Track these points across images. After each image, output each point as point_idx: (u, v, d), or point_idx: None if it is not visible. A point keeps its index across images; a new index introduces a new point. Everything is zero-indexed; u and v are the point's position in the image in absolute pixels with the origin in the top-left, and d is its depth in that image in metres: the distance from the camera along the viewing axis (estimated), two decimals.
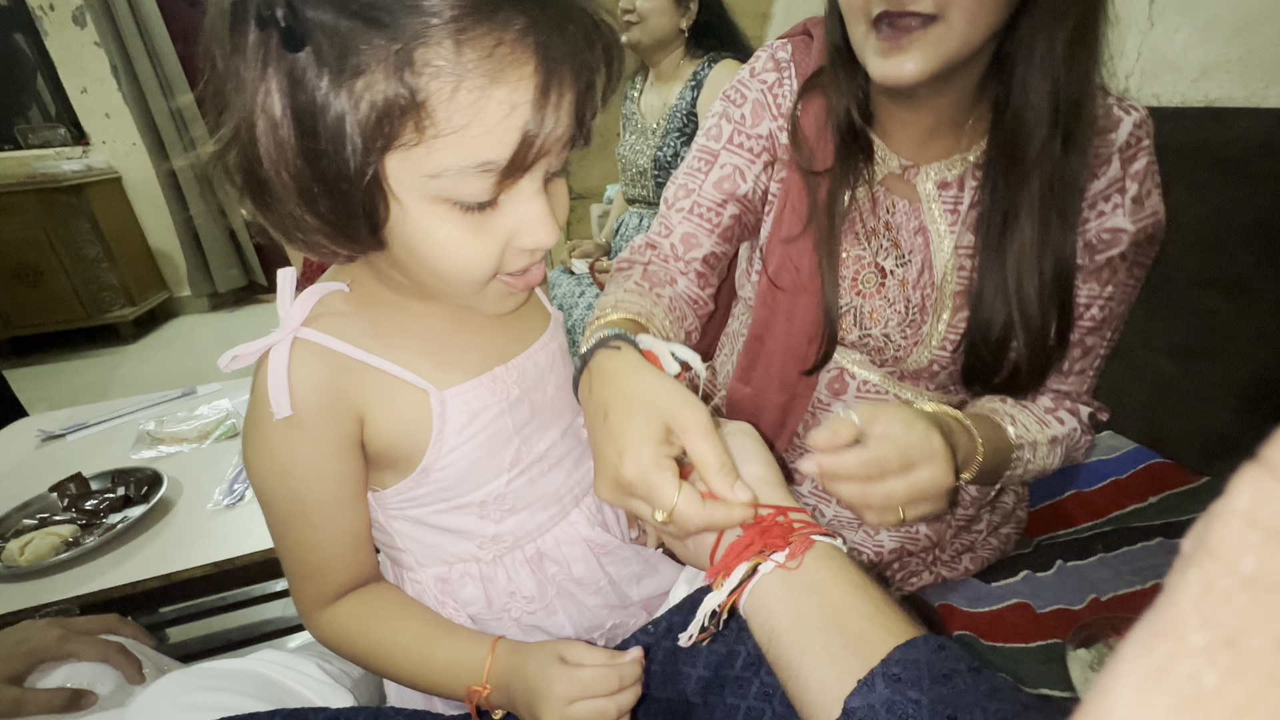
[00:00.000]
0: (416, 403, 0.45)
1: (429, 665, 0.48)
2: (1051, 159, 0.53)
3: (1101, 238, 0.56)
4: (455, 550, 0.51)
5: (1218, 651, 0.11)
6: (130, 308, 3.12)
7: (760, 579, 0.39)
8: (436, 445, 0.46)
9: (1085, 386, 0.63)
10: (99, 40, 3.04)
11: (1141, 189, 0.55)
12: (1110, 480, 0.86)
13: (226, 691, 0.50)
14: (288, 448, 0.43)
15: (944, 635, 0.64)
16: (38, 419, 1.17)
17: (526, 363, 0.51)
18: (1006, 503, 0.74)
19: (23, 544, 0.77)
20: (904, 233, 0.63)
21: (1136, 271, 0.59)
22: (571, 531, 0.55)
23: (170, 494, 0.89)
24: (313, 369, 0.42)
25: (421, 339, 0.47)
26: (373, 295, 0.46)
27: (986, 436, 0.53)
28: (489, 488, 0.49)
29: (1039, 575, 0.71)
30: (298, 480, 0.44)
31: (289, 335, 0.42)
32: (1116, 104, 0.55)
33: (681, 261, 0.69)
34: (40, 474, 0.94)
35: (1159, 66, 1.04)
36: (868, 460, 0.42)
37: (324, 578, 0.48)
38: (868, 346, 0.65)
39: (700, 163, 0.69)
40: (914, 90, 0.54)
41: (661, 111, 1.51)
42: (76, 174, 2.92)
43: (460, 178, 0.36)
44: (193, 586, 0.76)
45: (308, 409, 0.42)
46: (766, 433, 0.73)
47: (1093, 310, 0.59)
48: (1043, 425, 0.60)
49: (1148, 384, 0.97)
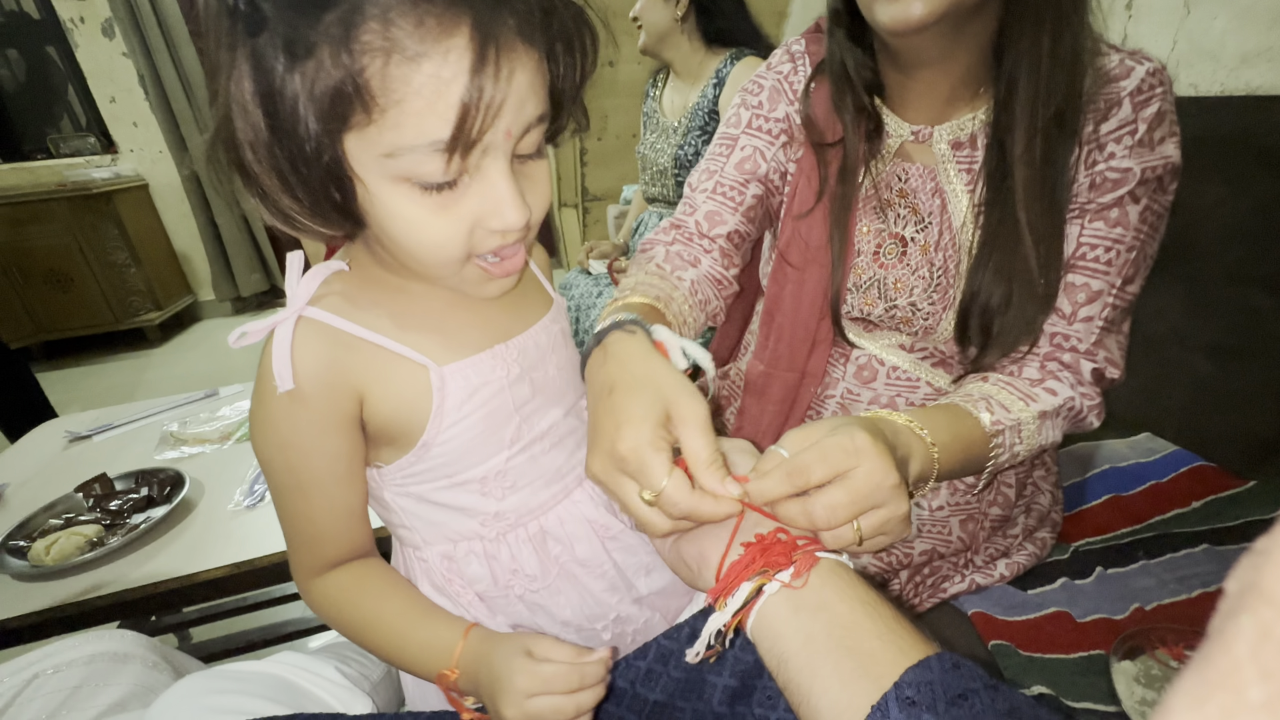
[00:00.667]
0: (416, 378, 0.46)
1: (406, 644, 0.48)
2: (1044, 111, 0.53)
3: (1108, 177, 0.55)
4: (459, 528, 0.52)
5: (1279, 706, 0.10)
6: (156, 312, 3.19)
7: (765, 600, 0.38)
8: (436, 420, 0.46)
9: (1094, 338, 0.57)
10: (127, 51, 3.12)
11: (1152, 133, 0.54)
12: (1150, 484, 0.82)
13: (245, 694, 0.50)
14: (288, 421, 0.44)
15: (978, 643, 0.62)
16: (64, 420, 1.19)
17: (527, 342, 0.51)
18: (1041, 504, 0.72)
19: (49, 544, 0.78)
20: (921, 196, 0.63)
21: (1149, 218, 0.56)
22: (575, 511, 0.55)
23: (192, 495, 0.89)
24: (315, 345, 0.43)
25: (422, 317, 0.47)
26: (374, 276, 0.47)
27: (944, 431, 0.48)
28: (489, 464, 0.50)
29: (1078, 582, 0.68)
30: (296, 453, 0.45)
31: (294, 313, 0.44)
32: (1128, 56, 0.55)
33: (706, 239, 0.70)
34: (66, 474, 0.96)
35: (1196, 55, 1.01)
36: (789, 470, 0.38)
37: (317, 548, 0.49)
38: (896, 319, 0.64)
39: (721, 148, 0.72)
40: (922, 47, 0.56)
41: (683, 110, 1.50)
42: (105, 182, 2.99)
43: (415, 157, 0.36)
44: (214, 587, 0.76)
45: (309, 384, 0.43)
46: (777, 416, 0.72)
47: (1098, 251, 0.56)
48: (1027, 401, 0.55)
49: (1186, 384, 0.93)
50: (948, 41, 0.55)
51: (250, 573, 0.77)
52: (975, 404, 0.53)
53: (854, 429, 0.40)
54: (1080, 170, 0.56)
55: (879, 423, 0.44)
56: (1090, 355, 0.58)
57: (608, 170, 2.51)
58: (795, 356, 0.69)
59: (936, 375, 0.65)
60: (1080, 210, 0.56)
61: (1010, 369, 0.59)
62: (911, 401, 0.67)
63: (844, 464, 0.39)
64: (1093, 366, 0.57)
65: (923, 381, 0.65)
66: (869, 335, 0.67)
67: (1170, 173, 0.55)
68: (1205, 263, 0.89)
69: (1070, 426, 0.58)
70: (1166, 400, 0.94)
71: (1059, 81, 0.53)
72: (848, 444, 0.39)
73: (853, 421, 0.42)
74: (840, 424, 0.41)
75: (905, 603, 0.67)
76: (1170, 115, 0.55)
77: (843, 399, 0.69)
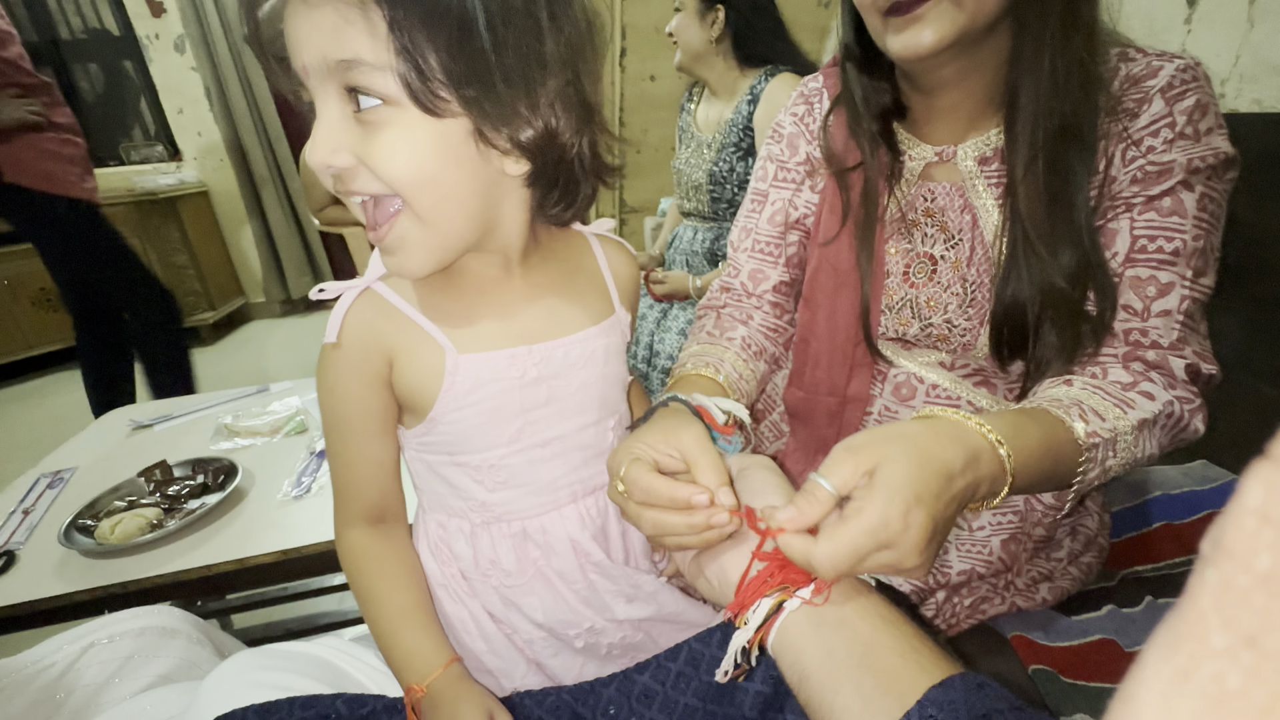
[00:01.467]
0: (436, 358, 0.49)
1: (394, 641, 0.52)
2: (1046, 126, 0.53)
3: (1148, 170, 0.53)
4: (452, 504, 0.55)
5: (1239, 652, 0.11)
6: (210, 312, 3.35)
7: (786, 617, 0.38)
8: (445, 400, 0.49)
9: (1176, 333, 0.53)
10: (195, 65, 3.31)
11: (1195, 124, 0.52)
12: (1205, 513, 0.79)
13: (293, 672, 0.52)
14: (334, 370, 0.50)
15: (1018, 667, 0.60)
16: (129, 410, 1.26)
17: (556, 350, 0.52)
18: (1089, 527, 0.69)
19: (114, 524, 0.82)
20: (950, 214, 0.62)
21: (1209, 205, 0.53)
22: (560, 526, 0.55)
23: (244, 484, 0.93)
24: (364, 310, 0.49)
25: (462, 305, 0.51)
26: None
27: (1029, 440, 0.44)
28: (486, 455, 0.52)
29: (1125, 610, 0.65)
30: (339, 400, 0.51)
31: (364, 283, 0.50)
32: (1155, 57, 0.54)
33: (754, 297, 0.75)
34: (130, 460, 1.01)
35: (1261, 69, 0.97)
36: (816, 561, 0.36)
37: (351, 493, 0.53)
38: (932, 338, 0.63)
39: (754, 204, 0.76)
40: (938, 71, 0.56)
41: (717, 126, 1.52)
42: (170, 188, 3.17)
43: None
44: (260, 572, 0.79)
45: (350, 342, 0.49)
46: (825, 441, 0.72)
47: (1159, 241, 0.53)
48: (1124, 408, 0.50)
49: (1247, 410, 0.89)
50: (963, 64, 0.56)
51: (295, 560, 0.80)
52: (1067, 410, 0.48)
53: (894, 505, 0.36)
54: (1118, 167, 0.54)
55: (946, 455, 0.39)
56: (1177, 351, 0.53)
57: (645, 182, 2.54)
58: (835, 382, 0.69)
59: (979, 394, 0.64)
60: (1126, 205, 0.54)
61: (1093, 370, 0.55)
62: None
63: (874, 552, 0.36)
64: (1185, 363, 0.53)
65: (964, 400, 0.64)
66: (907, 354, 0.66)
67: (1224, 163, 0.52)
68: (1271, 283, 0.86)
69: (1171, 439, 0.53)
70: (1226, 425, 0.90)
71: (1063, 97, 0.52)
72: (882, 535, 0.35)
73: (901, 481, 0.37)
74: (888, 480, 0.37)
75: (937, 626, 0.65)
76: (1213, 108, 0.53)
77: (880, 416, 0.68)
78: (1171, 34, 1.09)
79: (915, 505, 0.36)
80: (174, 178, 3.33)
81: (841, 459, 0.39)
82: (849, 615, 0.37)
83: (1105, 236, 0.55)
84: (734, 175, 1.46)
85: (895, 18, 0.53)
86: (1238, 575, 0.11)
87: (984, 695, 0.31)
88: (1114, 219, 0.55)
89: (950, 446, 0.40)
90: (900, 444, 0.39)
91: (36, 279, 2.99)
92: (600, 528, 0.57)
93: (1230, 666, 0.11)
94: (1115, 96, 0.54)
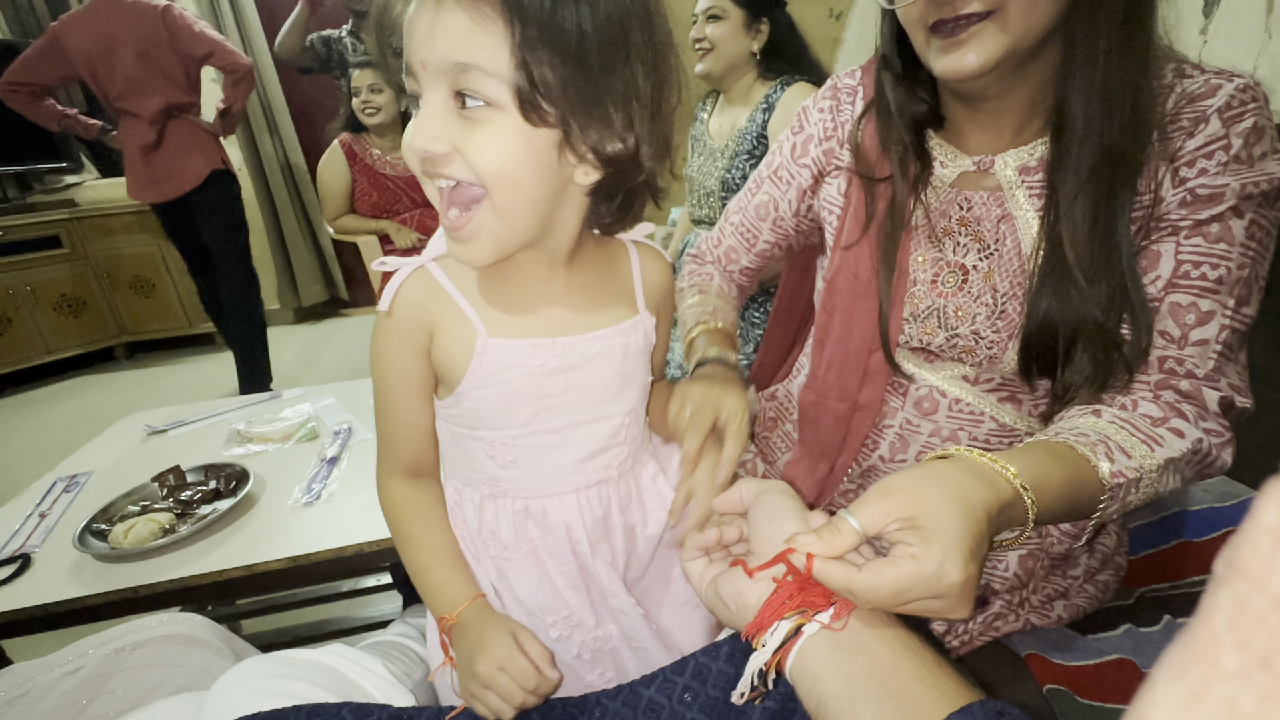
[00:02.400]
0: (469, 338, 0.53)
1: (428, 575, 0.56)
2: (1093, 148, 0.52)
3: (1199, 194, 0.51)
4: (467, 474, 0.59)
5: (1253, 674, 0.10)
6: None
7: (805, 641, 0.38)
8: (471, 377, 0.53)
9: (1212, 364, 0.52)
10: (215, 77, 3.37)
11: (1250, 148, 0.50)
12: (1224, 531, 0.77)
13: (299, 680, 0.52)
14: (384, 337, 0.55)
15: (1033, 686, 0.59)
16: (144, 415, 1.28)
17: (578, 345, 0.55)
18: (1106, 545, 0.68)
19: (127, 528, 0.83)
20: (986, 224, 0.61)
21: (1258, 234, 0.52)
22: (559, 511, 0.58)
23: (255, 490, 0.94)
24: (415, 285, 0.54)
25: (501, 293, 0.54)
26: None
27: (1052, 485, 0.44)
28: (500, 433, 0.55)
29: (1143, 630, 0.64)
30: (386, 364, 0.55)
31: (421, 261, 0.54)
32: (1214, 75, 0.53)
33: (726, 272, 0.84)
34: (144, 465, 1.03)
35: (1278, 80, 0.96)
36: (856, 589, 0.37)
37: (391, 449, 0.58)
38: (958, 349, 0.62)
39: (754, 184, 0.79)
40: (982, 87, 0.56)
41: (730, 134, 1.52)
42: None
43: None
44: (271, 578, 0.80)
45: (400, 312, 0.53)
46: (830, 446, 0.71)
47: (1203, 269, 0.52)
48: (1151, 445, 0.49)
49: (1269, 426, 0.87)
50: (1009, 81, 0.55)
51: (305, 567, 0.80)
52: (1094, 448, 0.48)
53: (951, 559, 0.36)
54: (1167, 189, 0.53)
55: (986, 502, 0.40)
56: (1212, 382, 0.52)
57: None
58: (846, 387, 0.68)
59: (1003, 411, 0.63)
60: (1173, 228, 0.53)
61: (1123, 401, 0.54)
62: (975, 436, 0.64)
63: (921, 599, 0.37)
64: (1219, 395, 0.52)
65: (987, 416, 0.63)
66: (930, 366, 0.65)
67: (1277, 190, 0.51)
68: None
69: (1196, 473, 0.53)
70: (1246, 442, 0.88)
71: (1113, 116, 0.51)
72: (934, 585, 0.36)
73: (953, 534, 0.37)
74: (939, 533, 0.37)
75: (948, 645, 0.64)
76: (1270, 132, 0.51)
77: (901, 430, 0.67)
78: (1188, 44, 1.09)
79: (970, 560, 0.37)
80: None
81: (874, 500, 0.40)
82: (868, 640, 0.37)
83: (1148, 258, 0.54)
84: (746, 183, 1.47)
85: (940, 39, 0.53)
86: (1252, 596, 0.11)
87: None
88: (1159, 241, 0.53)
89: (984, 492, 0.40)
90: (938, 490, 0.39)
91: (58, 285, 3.05)
92: (599, 519, 0.59)
93: (1243, 689, 0.10)
94: (1170, 114, 0.52)
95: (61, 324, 3.07)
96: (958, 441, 0.65)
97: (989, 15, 0.50)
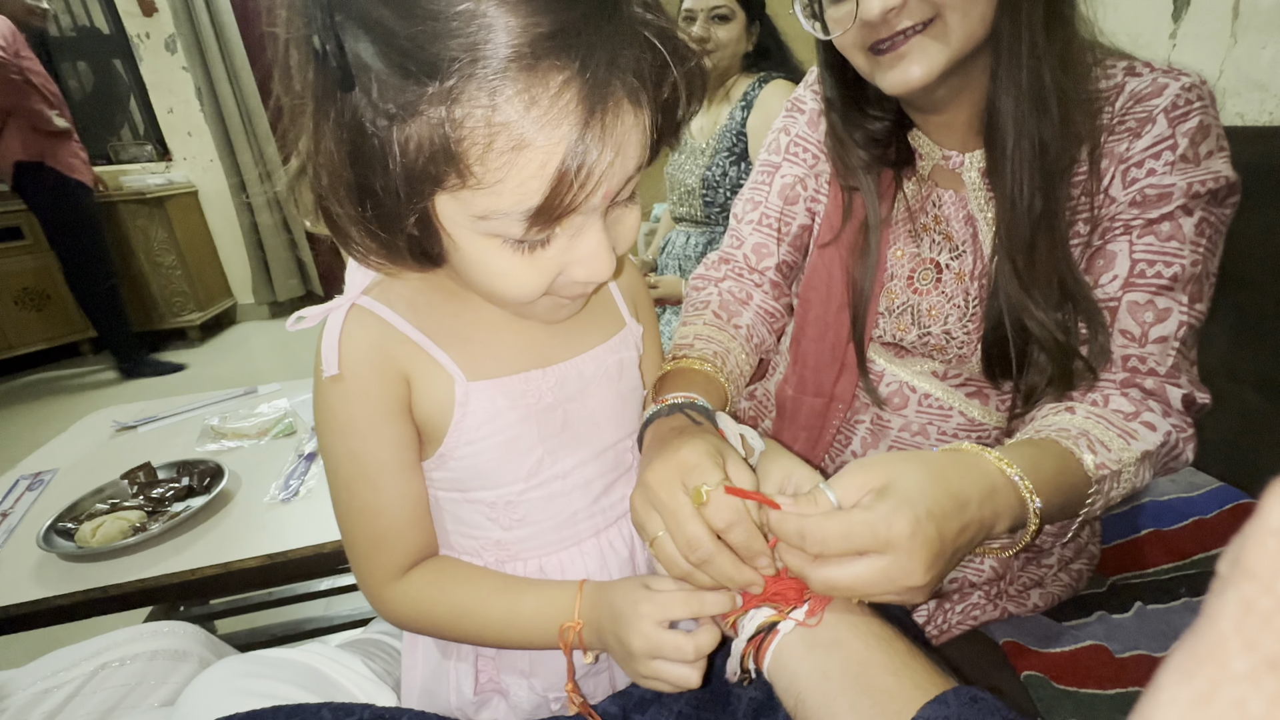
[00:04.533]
0: (445, 387, 0.45)
1: (517, 615, 0.47)
2: (1021, 147, 0.53)
3: (1147, 194, 0.53)
4: (462, 543, 0.51)
5: (1262, 676, 0.10)
6: (198, 312, 3.31)
7: (781, 639, 0.38)
8: (455, 434, 0.46)
9: (1171, 360, 0.53)
10: (187, 65, 3.29)
11: (1196, 148, 0.52)
12: (1193, 520, 0.79)
13: (278, 680, 0.51)
14: (344, 407, 0.45)
15: (1010, 673, 0.60)
16: (113, 410, 1.24)
17: (569, 370, 0.49)
18: (1080, 535, 0.70)
19: (95, 526, 0.81)
20: (954, 224, 0.62)
21: (1208, 231, 0.53)
22: (580, 563, 0.52)
23: (230, 486, 0.92)
24: (364, 332, 0.44)
25: (468, 326, 0.47)
26: (432, 278, 0.46)
27: (1049, 481, 0.44)
28: (501, 491, 0.48)
29: (1115, 617, 0.66)
30: (357, 439, 0.45)
31: (349, 301, 0.45)
32: (1162, 74, 0.54)
33: (756, 273, 0.73)
34: (113, 462, 0.99)
35: (1243, 84, 0.99)
36: (806, 532, 0.37)
37: (391, 546, 0.48)
38: (929, 347, 0.63)
39: (764, 175, 0.74)
40: (931, 96, 0.56)
41: (711, 131, 1.52)
42: (159, 188, 3.14)
43: (507, 221, 0.36)
44: (246, 577, 0.78)
45: (358, 370, 0.44)
46: (806, 441, 0.72)
47: (1157, 267, 0.53)
48: (1127, 439, 0.50)
49: (1233, 418, 0.90)
50: (956, 83, 0.55)
51: (282, 565, 0.78)
52: (1076, 441, 0.48)
53: (897, 513, 0.36)
54: (1118, 189, 0.54)
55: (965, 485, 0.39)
56: (1173, 380, 0.53)
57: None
58: (822, 381, 0.69)
59: (971, 406, 0.64)
60: (1125, 228, 0.54)
61: (1093, 398, 0.55)
62: (944, 431, 0.65)
63: (867, 547, 0.36)
64: (1182, 393, 0.53)
65: (955, 410, 0.64)
66: (901, 361, 0.66)
67: (1225, 188, 0.52)
68: (1254, 292, 0.87)
69: (1163, 467, 0.53)
70: (1211, 434, 0.91)
71: (1041, 118, 0.52)
72: (881, 532, 0.36)
73: (913, 493, 0.37)
74: (899, 490, 0.37)
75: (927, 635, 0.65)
76: (1215, 130, 0.52)
77: (872, 424, 0.68)
78: (1156, 48, 1.11)
79: (926, 519, 0.36)
80: (163, 178, 3.30)
81: (851, 473, 0.40)
82: (842, 635, 0.37)
83: (1104, 258, 0.55)
84: (727, 180, 1.47)
85: (881, 56, 0.53)
86: (1260, 597, 0.11)
87: (979, 709, 0.31)
88: (1113, 240, 0.54)
89: (967, 475, 0.41)
90: (916, 463, 0.40)
91: (19, 279, 2.94)
92: (625, 560, 0.53)
93: (1252, 691, 0.10)
94: (1119, 115, 0.53)
95: (23, 318, 2.97)
96: (926, 435, 0.66)
97: (927, 26, 0.50)
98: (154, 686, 0.59)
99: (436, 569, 0.50)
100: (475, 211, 0.36)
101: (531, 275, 0.39)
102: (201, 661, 0.63)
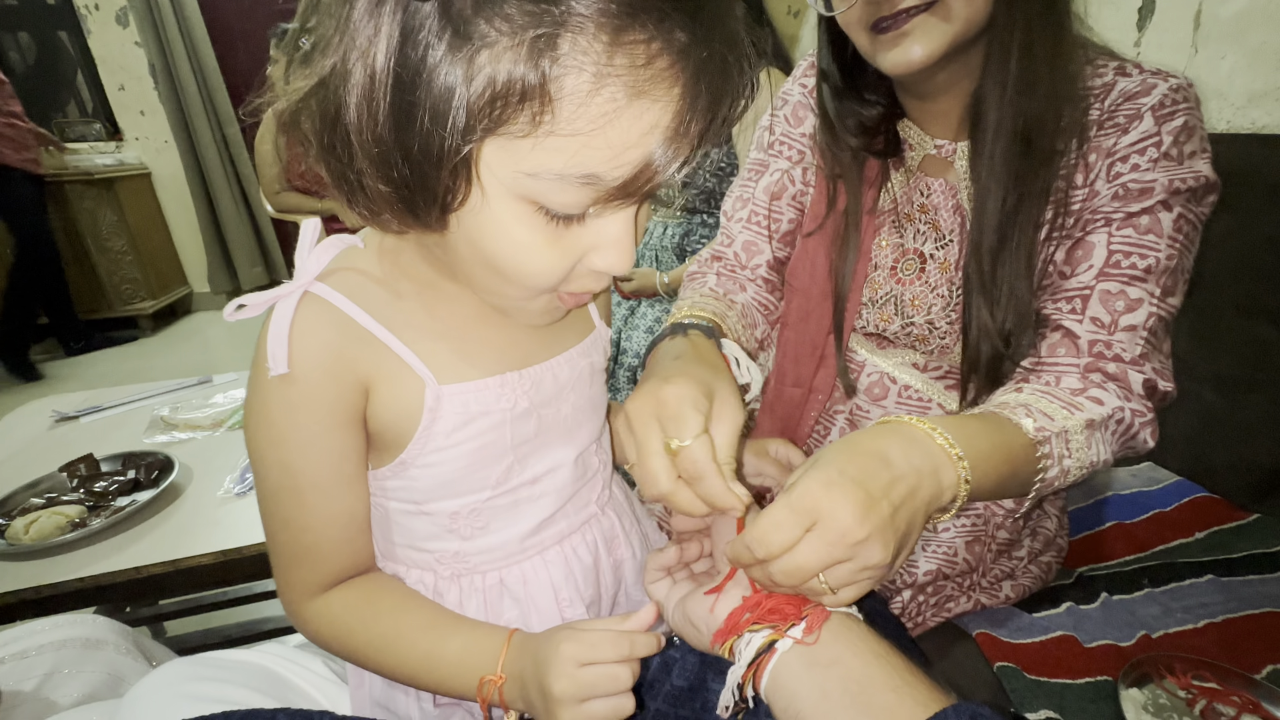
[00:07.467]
0: (413, 390, 0.41)
1: (440, 660, 0.43)
2: (1004, 137, 0.53)
3: (1130, 188, 0.54)
4: (409, 555, 0.47)
5: None
6: (150, 301, 3.16)
7: (779, 658, 0.38)
8: (421, 442, 0.42)
9: (1139, 349, 0.54)
10: (140, 40, 3.13)
11: (1180, 146, 0.53)
12: (1153, 513, 0.82)
13: (229, 683, 0.48)
14: (286, 413, 0.39)
15: (983, 664, 0.60)
16: (52, 400, 1.17)
17: (545, 374, 0.46)
18: (1048, 528, 0.71)
19: (28, 522, 0.75)
20: (942, 213, 0.62)
21: (1184, 227, 0.54)
22: (544, 572, 0.49)
23: (180, 480, 0.87)
24: (318, 328, 0.39)
25: (441, 322, 0.42)
26: (405, 264, 0.42)
27: (980, 440, 0.44)
28: (465, 500, 0.45)
29: (1083, 607, 0.67)
30: (294, 450, 0.40)
31: (300, 288, 0.39)
32: (1151, 75, 0.55)
33: (747, 270, 0.73)
34: (51, 455, 0.93)
35: (1203, 93, 1.02)
36: (749, 542, 0.37)
37: (315, 563, 0.43)
38: (912, 337, 0.63)
39: (752, 172, 0.74)
40: (930, 80, 0.56)
41: None
42: (108, 168, 2.98)
43: (558, 184, 0.32)
44: (198, 575, 0.74)
45: (308, 371, 0.38)
46: (785, 431, 0.72)
47: (1133, 258, 0.54)
48: (1071, 410, 0.50)
49: (1191, 415, 0.93)
50: (955, 69, 0.56)
51: (237, 562, 0.74)
52: (1014, 411, 0.49)
53: (813, 477, 0.37)
54: (1101, 183, 0.55)
55: (880, 443, 0.40)
56: (1138, 366, 0.54)
57: None
58: (801, 372, 0.69)
59: (950, 398, 0.64)
60: (1105, 219, 0.55)
61: (1047, 379, 0.55)
62: None
63: (801, 525, 0.36)
64: (1143, 378, 0.54)
65: (934, 403, 0.64)
66: (882, 352, 0.66)
67: (1205, 187, 0.53)
68: (1213, 294, 0.90)
69: (1121, 445, 0.54)
70: (1171, 430, 0.93)
71: (1027, 110, 0.52)
72: (804, 502, 0.36)
73: (822, 461, 0.38)
74: (811, 465, 0.39)
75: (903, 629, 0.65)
76: (1200, 131, 0.54)
77: (851, 415, 0.68)
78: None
79: (839, 476, 0.37)
80: (113, 158, 3.13)
81: (801, 470, 0.40)
82: (841, 653, 0.37)
83: (1083, 249, 0.56)
84: (708, 162, 1.46)
85: (883, 35, 0.53)
86: None
87: None
88: (1093, 232, 0.55)
89: (880, 433, 0.42)
90: (835, 443, 0.41)
91: None
92: (589, 568, 0.51)
93: None
94: (1108, 111, 0.54)
95: None
96: None
97: (930, 6, 0.51)
98: (68, 677, 0.55)
99: (362, 592, 0.45)
100: (526, 167, 0.31)
101: (553, 256, 0.35)
102: (117, 649, 0.59)
